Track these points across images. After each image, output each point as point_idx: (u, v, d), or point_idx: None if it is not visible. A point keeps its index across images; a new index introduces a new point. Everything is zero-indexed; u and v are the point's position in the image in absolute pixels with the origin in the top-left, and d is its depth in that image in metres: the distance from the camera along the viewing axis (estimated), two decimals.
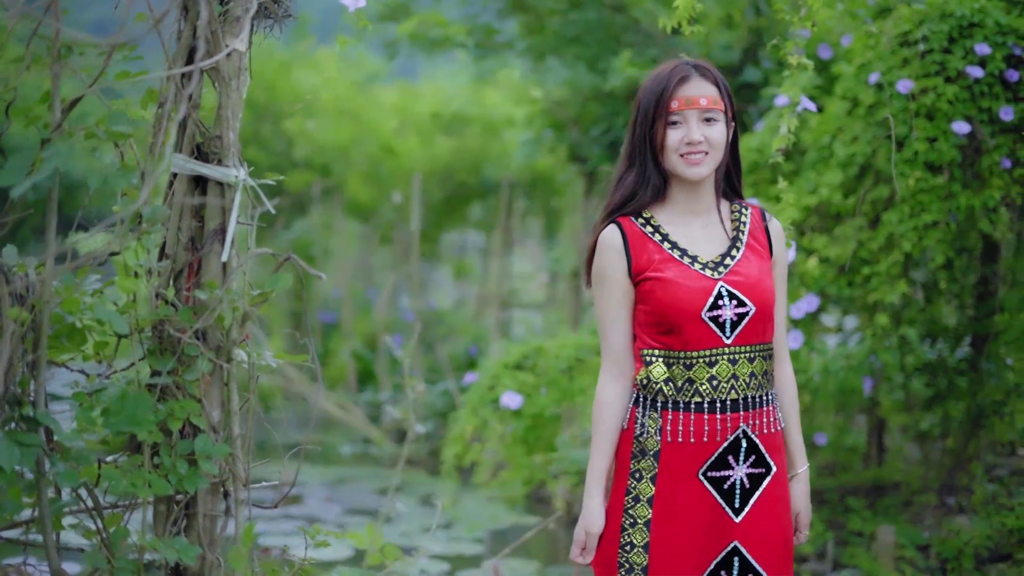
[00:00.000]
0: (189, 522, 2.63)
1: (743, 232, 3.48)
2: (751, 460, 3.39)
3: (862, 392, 8.08)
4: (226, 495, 2.66)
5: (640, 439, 3.37)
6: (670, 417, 3.34)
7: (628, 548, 3.37)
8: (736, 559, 3.39)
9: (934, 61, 5.71)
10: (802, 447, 3.60)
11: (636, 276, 3.37)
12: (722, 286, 3.35)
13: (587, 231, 10.76)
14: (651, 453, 3.35)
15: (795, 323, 6.17)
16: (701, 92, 3.37)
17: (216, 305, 2.51)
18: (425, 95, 14.56)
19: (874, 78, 5.85)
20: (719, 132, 3.38)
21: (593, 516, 3.42)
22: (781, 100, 6.43)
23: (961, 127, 5.62)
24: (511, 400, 6.60)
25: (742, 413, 3.36)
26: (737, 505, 3.38)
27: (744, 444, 3.37)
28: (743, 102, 7.94)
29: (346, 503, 9.27)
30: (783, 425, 3.51)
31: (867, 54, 6.02)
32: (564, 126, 9.65)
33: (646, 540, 3.35)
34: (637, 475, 3.37)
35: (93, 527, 2.65)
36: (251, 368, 2.63)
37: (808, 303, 6.10)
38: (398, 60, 10.51)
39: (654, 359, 3.36)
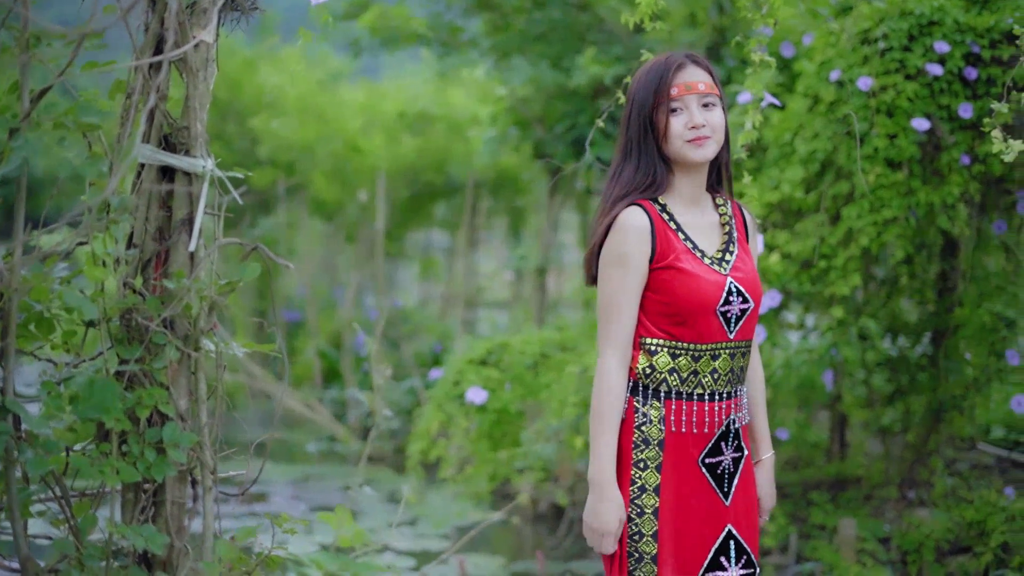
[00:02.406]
0: (157, 510, 2.65)
1: (733, 227, 3.53)
2: (735, 445, 3.47)
3: (824, 388, 8.16)
4: (194, 483, 2.68)
5: (642, 428, 3.39)
6: (673, 407, 3.38)
7: (637, 538, 3.38)
8: (732, 543, 3.47)
9: (894, 59, 5.78)
10: (768, 434, 3.67)
11: (656, 263, 3.36)
12: (731, 282, 3.40)
13: (551, 229, 10.79)
14: (655, 442, 3.38)
15: (758, 319, 6.22)
16: (698, 78, 3.42)
17: (183, 294, 2.53)
18: (390, 94, 14.55)
19: (835, 75, 5.91)
20: (719, 116, 3.43)
21: (620, 502, 3.36)
22: (744, 97, 6.50)
23: (921, 124, 5.68)
24: (476, 396, 6.64)
25: (730, 401, 3.45)
26: (726, 489, 3.46)
27: (732, 430, 3.46)
28: None
29: (311, 501, 9.27)
30: (748, 411, 3.58)
31: (828, 52, 6.08)
32: (528, 124, 9.68)
33: (655, 529, 3.37)
34: (642, 464, 3.39)
35: (62, 515, 2.67)
36: (218, 357, 2.65)
37: (771, 299, 6.15)
38: (363, 60, 10.51)
39: (659, 348, 3.38)
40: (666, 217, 3.41)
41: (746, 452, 3.52)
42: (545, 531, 8.51)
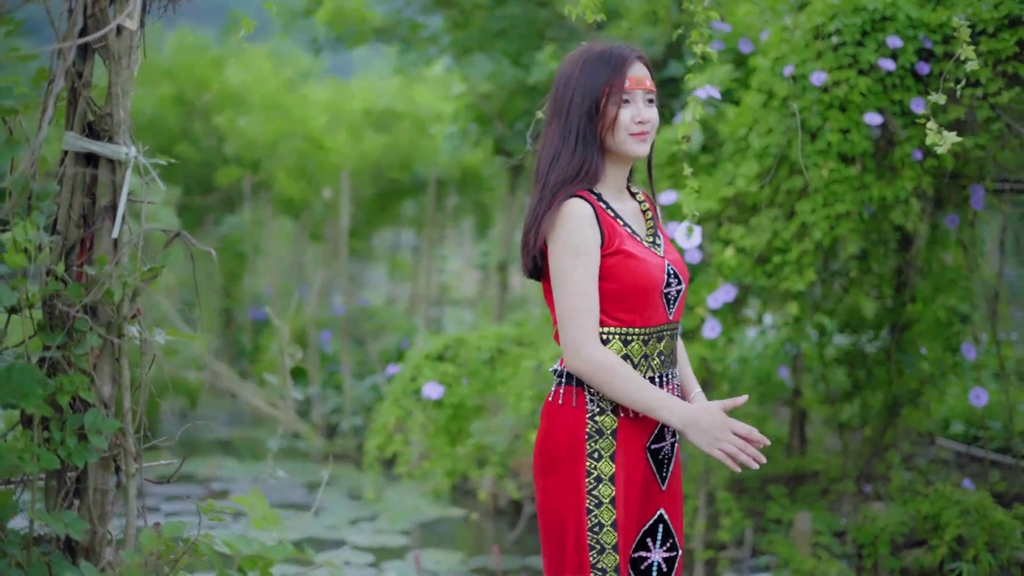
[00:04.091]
0: (80, 497, 2.64)
1: (650, 214, 3.57)
2: (672, 429, 3.47)
3: (783, 383, 8.19)
4: (117, 470, 2.67)
5: (596, 419, 3.37)
6: None
7: (598, 529, 3.36)
8: (661, 526, 3.48)
9: (847, 54, 5.80)
10: (693, 375, 3.67)
11: (604, 250, 3.35)
12: (668, 264, 3.45)
13: (513, 225, 10.80)
14: (608, 432, 3.37)
15: (713, 313, 6.24)
16: (645, 74, 3.45)
17: (105, 280, 2.52)
18: (356, 92, 14.54)
19: (788, 70, 5.93)
20: (656, 114, 3.47)
21: (703, 407, 3.29)
22: (699, 92, 6.51)
23: (873, 119, 5.70)
24: (432, 391, 6.63)
25: (668, 386, 3.47)
26: (664, 474, 3.48)
27: None
28: (666, 96, 8.01)
29: (273, 497, 9.25)
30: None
31: (782, 47, 6.10)
32: (489, 120, 9.69)
33: (613, 518, 3.36)
34: (596, 455, 3.37)
35: None
36: (143, 344, 2.64)
37: (725, 293, 6.17)
38: (333, 59, 10.51)
39: (611, 337, 3.38)
40: (603, 206, 3.41)
41: (678, 436, 3.53)
42: (505, 526, 8.51)
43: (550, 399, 3.47)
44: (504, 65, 8.86)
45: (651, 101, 3.46)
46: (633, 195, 3.59)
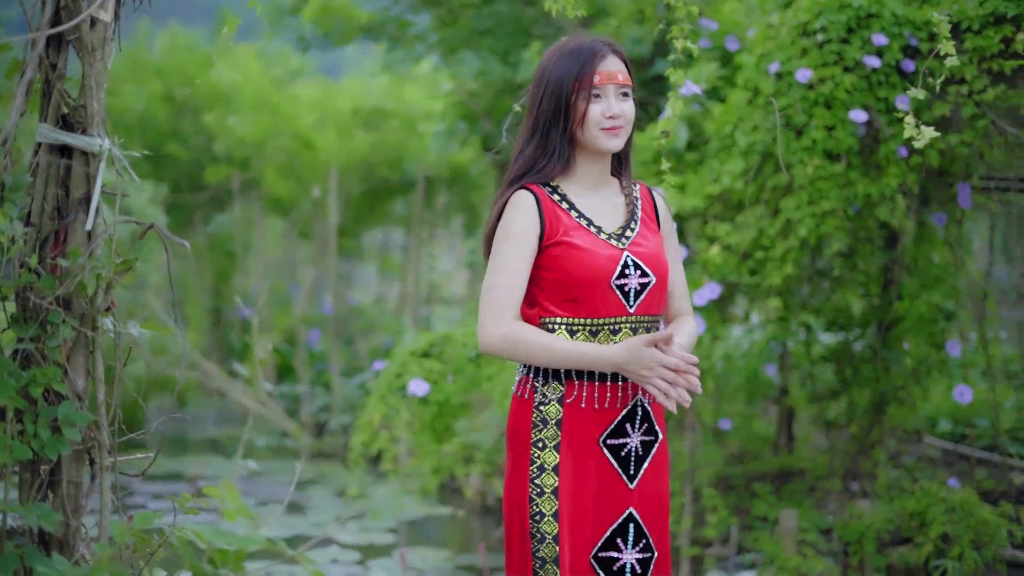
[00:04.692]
0: (54, 490, 2.63)
1: (637, 207, 3.55)
2: (644, 428, 3.45)
3: (770, 381, 8.18)
4: (91, 463, 2.66)
5: (541, 408, 3.39)
6: (576, 384, 3.38)
7: (539, 518, 3.37)
8: (631, 525, 3.44)
9: (832, 51, 5.80)
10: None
11: (546, 240, 3.38)
12: (628, 255, 3.42)
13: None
14: (553, 422, 3.38)
15: (698, 310, 6.24)
16: (618, 68, 3.45)
17: (78, 272, 2.51)
18: (345, 91, 14.54)
19: (774, 68, 5.93)
20: (631, 107, 3.46)
21: (626, 344, 3.26)
22: (685, 90, 6.52)
23: (858, 116, 5.71)
24: (418, 388, 6.62)
25: (634, 383, 3.41)
26: (632, 472, 3.44)
27: (640, 412, 3.43)
28: (653, 94, 8.02)
29: (260, 495, 9.24)
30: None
31: (768, 44, 6.11)
32: (477, 118, 9.68)
33: (555, 508, 3.36)
34: (540, 444, 3.38)
35: None
36: (117, 337, 2.64)
37: (711, 290, 6.17)
38: (323, 60, 10.51)
39: (557, 327, 3.38)
40: (557, 198, 3.44)
41: (660, 437, 3.50)
42: (491, 524, 8.51)
43: (513, 390, 3.50)
44: (491, 63, 8.86)
45: (626, 95, 3.46)
46: (624, 188, 3.58)
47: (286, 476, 10.05)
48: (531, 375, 3.43)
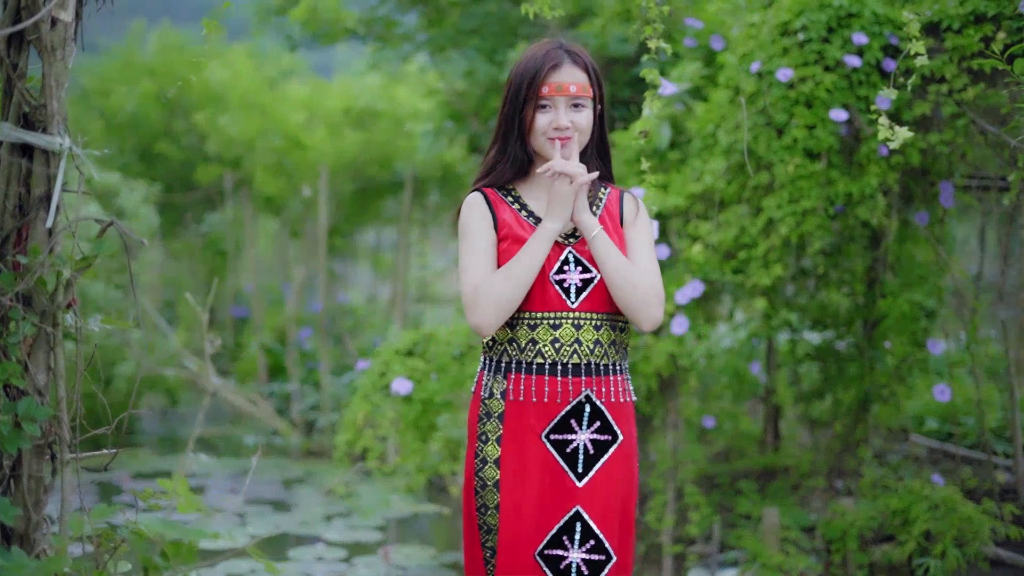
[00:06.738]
0: (15, 484, 2.66)
1: (598, 209, 3.57)
2: (595, 426, 3.45)
3: (756, 380, 8.20)
4: (53, 458, 2.68)
5: (486, 402, 3.46)
6: (513, 377, 3.41)
7: (483, 510, 3.45)
8: (578, 524, 3.43)
9: (813, 50, 5.82)
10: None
11: (498, 235, 3.47)
12: (570, 251, 3.47)
13: None
14: (496, 415, 3.43)
15: (680, 309, 6.25)
16: (572, 79, 3.47)
17: (37, 268, 2.54)
18: (336, 90, 14.56)
19: (755, 67, 5.95)
20: (585, 118, 3.49)
21: (548, 206, 3.44)
22: (667, 90, 6.54)
23: (839, 115, 5.73)
24: (401, 386, 6.64)
25: (584, 378, 3.43)
26: (580, 470, 3.44)
27: (588, 409, 3.44)
28: (637, 94, 8.03)
29: (249, 493, 9.26)
30: (635, 397, 3.60)
31: (749, 44, 6.12)
32: (464, 118, 9.71)
33: (497, 501, 3.42)
34: (483, 437, 3.45)
35: None
36: (78, 333, 2.66)
37: (693, 289, 6.18)
38: (314, 59, 10.53)
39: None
40: (509, 200, 3.54)
41: (621, 438, 3.49)
42: None
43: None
44: (478, 62, 8.89)
45: (578, 106, 3.48)
46: (591, 192, 3.59)
47: (276, 474, 10.06)
48: (484, 369, 3.51)
